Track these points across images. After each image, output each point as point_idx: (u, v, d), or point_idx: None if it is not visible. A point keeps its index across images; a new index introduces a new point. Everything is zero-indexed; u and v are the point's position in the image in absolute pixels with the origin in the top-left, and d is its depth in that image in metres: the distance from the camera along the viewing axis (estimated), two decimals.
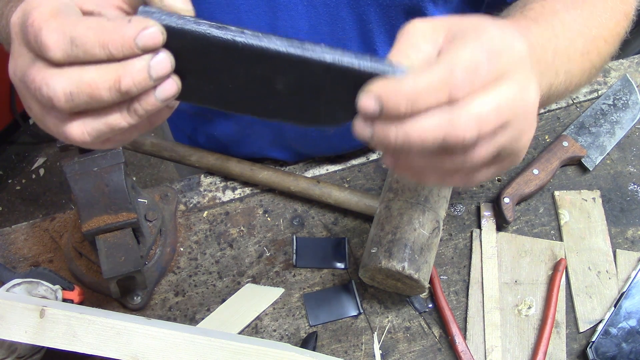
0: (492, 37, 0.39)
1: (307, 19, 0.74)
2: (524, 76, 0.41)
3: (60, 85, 0.37)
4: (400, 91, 0.37)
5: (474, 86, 0.38)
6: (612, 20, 0.64)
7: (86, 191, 0.69)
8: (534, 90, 0.42)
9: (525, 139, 0.44)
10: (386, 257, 0.70)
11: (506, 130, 0.41)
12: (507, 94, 0.39)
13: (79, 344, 0.58)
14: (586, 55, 0.59)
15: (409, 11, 0.74)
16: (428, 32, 0.42)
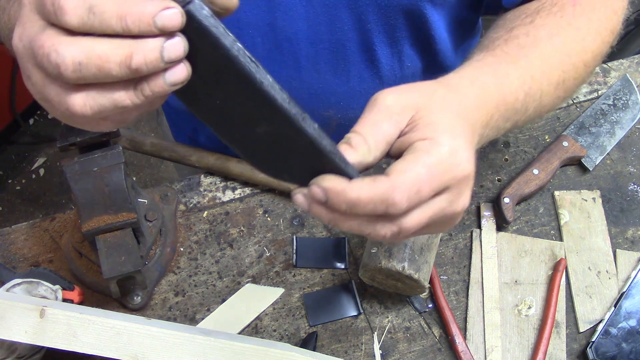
0: (441, 156, 0.45)
1: (305, 19, 0.74)
2: (459, 191, 0.48)
3: (70, 53, 0.36)
4: (344, 196, 0.43)
5: (410, 206, 0.44)
6: (597, 41, 0.65)
7: (86, 191, 0.69)
8: (465, 200, 0.49)
9: (445, 228, 0.51)
10: (386, 257, 0.70)
11: (431, 225, 0.48)
12: (437, 208, 0.47)
13: (79, 344, 0.58)
14: (561, 85, 0.63)
15: (407, 12, 0.74)
16: (395, 111, 0.47)
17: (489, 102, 0.54)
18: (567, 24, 0.64)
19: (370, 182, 0.43)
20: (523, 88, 0.58)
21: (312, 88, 0.81)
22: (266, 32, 0.75)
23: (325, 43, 0.77)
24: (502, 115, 0.56)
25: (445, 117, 0.48)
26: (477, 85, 0.54)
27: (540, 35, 0.62)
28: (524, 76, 0.58)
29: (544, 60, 0.61)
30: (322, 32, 0.75)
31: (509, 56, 0.59)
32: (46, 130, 2.22)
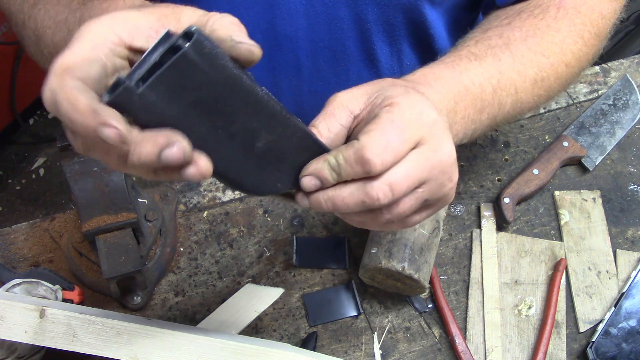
0: (402, 111, 0.47)
1: (305, 18, 0.74)
2: (435, 138, 0.48)
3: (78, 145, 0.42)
4: (327, 167, 0.46)
5: (385, 161, 0.45)
6: (577, 43, 0.66)
7: (86, 191, 0.69)
8: (447, 146, 0.48)
9: (447, 189, 0.50)
10: (386, 257, 0.70)
11: (425, 186, 0.48)
12: (419, 159, 0.47)
13: (79, 344, 0.58)
14: (540, 83, 0.64)
15: (406, 11, 0.74)
16: (346, 102, 0.50)
17: (448, 90, 0.55)
18: (546, 26, 0.65)
19: (343, 147, 0.46)
20: (490, 81, 0.59)
21: (312, 86, 0.81)
22: (266, 30, 0.75)
23: (325, 42, 0.77)
24: (470, 105, 0.57)
25: (399, 89, 0.49)
26: (431, 78, 0.56)
27: (514, 37, 0.63)
28: (489, 71, 0.59)
29: (515, 59, 0.61)
30: (321, 30, 0.75)
31: (474, 55, 0.60)
32: (46, 130, 2.22)
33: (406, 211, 0.48)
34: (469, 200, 0.85)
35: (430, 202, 0.50)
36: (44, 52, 0.65)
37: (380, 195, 0.46)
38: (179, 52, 0.38)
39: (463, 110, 0.56)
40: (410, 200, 0.48)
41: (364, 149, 0.45)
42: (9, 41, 1.91)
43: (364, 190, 0.46)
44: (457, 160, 0.54)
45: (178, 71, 0.38)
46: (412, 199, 0.48)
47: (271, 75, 0.52)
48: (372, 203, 0.46)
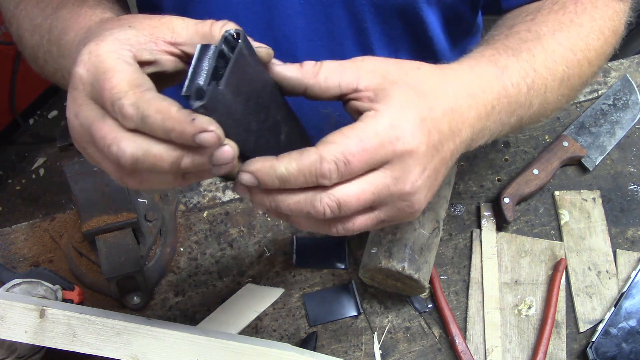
0: (377, 128, 0.44)
1: (303, 17, 0.74)
2: (401, 168, 0.45)
3: (130, 149, 0.41)
4: (274, 172, 0.43)
5: (341, 176, 0.44)
6: (599, 40, 0.64)
7: (86, 191, 0.69)
8: (413, 177, 0.46)
9: (406, 214, 0.48)
10: (386, 257, 0.70)
11: (382, 209, 0.47)
12: (376, 183, 0.45)
13: (79, 344, 0.58)
14: (566, 82, 0.61)
15: (402, 11, 0.74)
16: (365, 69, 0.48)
17: (488, 92, 0.52)
18: (570, 21, 0.62)
19: (298, 155, 0.44)
20: (526, 81, 0.56)
21: None
22: (264, 30, 0.75)
23: (323, 41, 0.77)
24: (505, 108, 0.54)
25: (405, 92, 0.47)
26: (476, 72, 0.53)
27: (543, 31, 0.60)
28: (526, 68, 0.56)
29: (547, 55, 0.59)
30: (319, 29, 0.75)
31: (510, 49, 0.58)
32: (46, 130, 2.22)
33: (358, 226, 0.47)
34: (469, 200, 0.85)
35: (388, 222, 0.49)
36: (25, 53, 0.66)
37: (327, 212, 0.45)
38: (234, 50, 0.41)
39: (497, 114, 0.54)
40: (364, 219, 0.47)
41: (322, 161, 0.43)
42: (9, 41, 1.91)
43: (311, 202, 0.44)
44: (457, 160, 0.54)
45: (238, 66, 0.42)
46: (367, 218, 0.47)
47: None
48: (317, 216, 0.45)
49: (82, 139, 0.45)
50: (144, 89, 0.41)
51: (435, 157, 0.47)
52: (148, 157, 0.41)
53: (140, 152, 0.41)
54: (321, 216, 0.45)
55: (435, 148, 0.47)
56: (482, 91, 0.52)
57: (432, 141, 0.47)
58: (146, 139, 0.41)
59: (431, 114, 0.47)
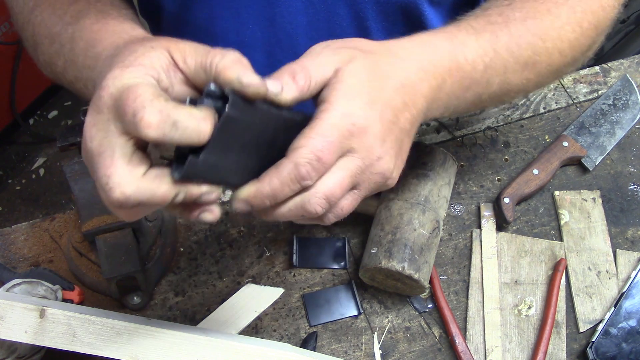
0: (334, 120, 0.47)
1: (305, 15, 0.74)
2: (364, 147, 0.49)
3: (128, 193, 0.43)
4: (261, 194, 0.47)
5: (319, 172, 0.47)
6: (575, 32, 0.65)
7: (86, 191, 0.69)
8: (377, 151, 0.50)
9: (383, 184, 0.52)
10: (386, 257, 0.70)
11: (360, 187, 0.51)
12: (348, 167, 0.49)
13: (79, 344, 0.58)
14: (531, 66, 0.63)
15: (405, 9, 0.74)
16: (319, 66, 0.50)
17: (438, 65, 0.55)
18: (547, 10, 0.64)
19: (275, 170, 0.47)
20: (483, 59, 0.59)
21: None
22: (266, 26, 0.75)
23: (325, 38, 0.77)
24: (458, 82, 0.57)
25: (355, 78, 0.50)
26: (429, 48, 0.56)
27: (514, 16, 0.62)
28: (484, 47, 0.59)
29: (511, 38, 0.61)
30: (321, 27, 0.75)
31: (472, 29, 0.60)
32: (46, 130, 2.22)
33: (347, 209, 0.51)
34: (469, 200, 0.85)
35: (370, 193, 0.53)
36: (40, 59, 0.66)
37: (318, 209, 0.48)
38: (221, 115, 0.42)
39: (449, 87, 0.57)
40: (348, 200, 0.51)
41: (298, 167, 0.46)
42: (9, 41, 1.91)
43: (302, 206, 0.48)
44: (457, 160, 0.55)
45: (225, 130, 0.43)
46: (350, 199, 0.51)
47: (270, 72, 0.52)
48: (311, 216, 0.49)
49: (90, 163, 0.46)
50: (167, 99, 0.42)
51: (394, 128, 0.51)
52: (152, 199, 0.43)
53: (140, 196, 0.43)
54: (315, 214, 0.49)
55: (391, 122, 0.51)
56: (432, 65, 0.55)
57: (387, 117, 0.50)
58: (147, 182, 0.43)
59: (382, 94, 0.50)
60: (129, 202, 0.43)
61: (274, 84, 0.46)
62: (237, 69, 0.44)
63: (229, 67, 0.44)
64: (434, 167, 0.76)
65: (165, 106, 0.41)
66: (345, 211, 0.51)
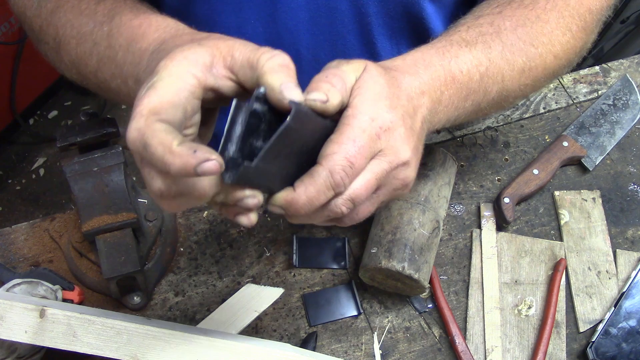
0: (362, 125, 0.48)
1: (306, 11, 0.74)
2: (392, 148, 0.50)
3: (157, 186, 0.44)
4: (298, 203, 0.47)
5: (352, 178, 0.48)
6: (566, 35, 0.67)
7: (86, 191, 0.69)
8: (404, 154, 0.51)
9: (400, 191, 0.53)
10: (386, 257, 0.70)
11: (381, 190, 0.51)
12: (376, 169, 0.49)
13: (79, 344, 0.58)
14: (527, 72, 0.65)
15: (406, 4, 0.75)
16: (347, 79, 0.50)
17: (435, 79, 0.57)
18: (536, 17, 0.65)
19: (310, 179, 0.47)
20: (478, 69, 0.60)
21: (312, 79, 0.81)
22: (267, 22, 0.75)
23: (326, 35, 0.77)
24: (455, 93, 0.59)
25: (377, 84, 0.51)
26: (422, 65, 0.57)
27: (505, 25, 0.64)
28: (479, 58, 0.60)
29: (504, 47, 0.62)
30: (322, 23, 0.75)
31: (465, 41, 0.61)
32: (46, 130, 2.22)
33: (363, 213, 0.52)
34: (469, 200, 0.85)
35: (385, 202, 0.54)
36: (64, 60, 0.65)
37: (344, 210, 0.49)
38: (281, 125, 0.42)
39: (448, 98, 0.58)
40: (366, 205, 0.51)
41: (333, 175, 0.47)
42: (9, 41, 1.91)
43: (328, 208, 0.49)
44: (457, 160, 0.55)
45: (281, 139, 0.43)
46: (369, 204, 0.51)
47: None
48: (335, 216, 0.50)
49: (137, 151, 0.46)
50: (158, 118, 0.42)
51: (413, 136, 0.52)
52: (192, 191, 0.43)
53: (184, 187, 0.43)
54: (339, 215, 0.49)
55: (411, 128, 0.52)
56: (430, 78, 0.56)
57: (407, 122, 0.52)
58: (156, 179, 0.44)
59: (399, 101, 0.52)
60: (171, 191, 0.43)
61: (318, 94, 0.47)
62: (282, 76, 0.44)
63: (275, 71, 0.45)
64: (434, 167, 0.76)
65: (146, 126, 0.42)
66: (361, 216, 0.51)
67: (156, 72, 0.45)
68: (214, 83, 0.46)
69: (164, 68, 0.45)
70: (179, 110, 0.44)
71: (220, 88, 0.47)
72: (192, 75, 0.45)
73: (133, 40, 0.56)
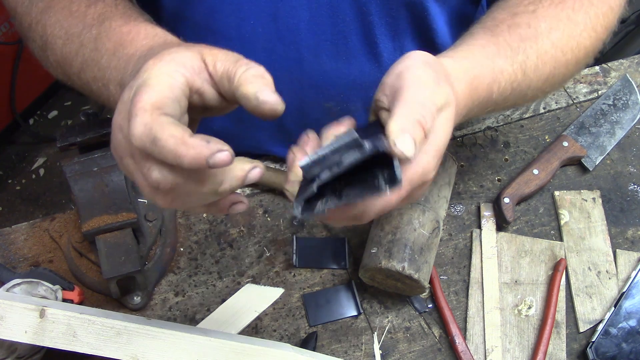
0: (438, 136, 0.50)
1: (307, 10, 0.73)
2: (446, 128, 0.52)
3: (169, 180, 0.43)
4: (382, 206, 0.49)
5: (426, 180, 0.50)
6: (591, 38, 0.67)
7: (86, 191, 0.69)
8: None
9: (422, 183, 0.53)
10: (386, 257, 0.70)
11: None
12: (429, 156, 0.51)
13: (79, 344, 0.58)
14: (550, 80, 0.66)
15: (409, 5, 0.74)
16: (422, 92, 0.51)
17: (474, 95, 0.58)
18: (567, 18, 0.65)
19: (412, 184, 0.49)
20: (512, 85, 0.61)
21: (313, 79, 0.81)
22: (268, 22, 0.75)
23: (327, 35, 0.76)
24: (483, 107, 0.61)
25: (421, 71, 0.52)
26: (470, 77, 0.57)
27: (541, 29, 0.64)
28: (516, 72, 0.61)
29: (539, 57, 0.63)
30: (324, 22, 0.75)
31: (510, 49, 0.62)
32: (46, 130, 2.22)
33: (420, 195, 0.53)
34: (469, 200, 0.85)
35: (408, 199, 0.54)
36: (50, 59, 0.65)
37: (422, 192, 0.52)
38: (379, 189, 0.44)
39: (473, 113, 0.60)
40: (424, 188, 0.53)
41: (427, 174, 0.49)
42: (9, 41, 1.91)
43: None
44: (457, 160, 0.56)
45: None
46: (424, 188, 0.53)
47: (272, 68, 0.52)
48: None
49: (122, 151, 0.46)
50: (162, 112, 0.42)
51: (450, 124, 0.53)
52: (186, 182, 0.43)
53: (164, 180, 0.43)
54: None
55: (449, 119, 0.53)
56: (469, 94, 0.57)
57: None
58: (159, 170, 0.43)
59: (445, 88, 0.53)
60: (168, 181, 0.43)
61: (407, 149, 0.46)
62: (257, 85, 0.44)
63: (249, 82, 0.45)
64: None
65: (154, 120, 0.41)
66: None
67: (144, 71, 0.45)
68: (200, 85, 0.46)
69: (152, 67, 0.45)
70: (177, 105, 0.44)
71: (204, 93, 0.47)
72: (180, 74, 0.45)
73: (120, 46, 0.57)
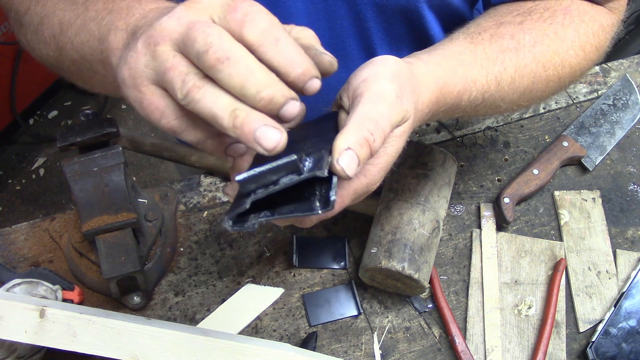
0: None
1: (305, 15, 0.74)
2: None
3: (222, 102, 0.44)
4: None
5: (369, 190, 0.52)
6: (578, 56, 0.66)
7: (86, 191, 0.69)
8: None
9: None
10: (386, 257, 0.70)
11: None
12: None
13: (79, 344, 0.58)
14: (527, 94, 0.64)
15: (404, 12, 0.75)
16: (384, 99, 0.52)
17: (440, 101, 0.57)
18: (554, 33, 0.64)
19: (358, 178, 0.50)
20: (484, 95, 0.60)
21: None
22: None
23: (325, 40, 0.77)
24: (448, 111, 0.60)
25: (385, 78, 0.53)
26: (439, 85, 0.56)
27: (524, 41, 0.63)
28: (490, 82, 0.60)
29: (517, 69, 0.62)
30: (321, 28, 0.75)
31: (486, 59, 0.60)
32: (46, 130, 2.22)
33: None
34: (469, 200, 0.85)
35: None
36: (44, 34, 0.63)
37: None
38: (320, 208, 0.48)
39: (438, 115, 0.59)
40: None
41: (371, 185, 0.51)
42: (9, 41, 1.91)
43: None
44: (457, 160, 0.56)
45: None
46: None
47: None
48: None
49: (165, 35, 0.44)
50: None
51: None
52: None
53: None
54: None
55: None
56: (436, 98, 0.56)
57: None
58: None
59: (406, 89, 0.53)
60: None
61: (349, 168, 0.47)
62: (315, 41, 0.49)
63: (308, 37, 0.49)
64: (434, 167, 0.76)
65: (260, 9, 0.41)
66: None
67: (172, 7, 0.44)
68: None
69: (184, 5, 0.44)
70: None
71: None
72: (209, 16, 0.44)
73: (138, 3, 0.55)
